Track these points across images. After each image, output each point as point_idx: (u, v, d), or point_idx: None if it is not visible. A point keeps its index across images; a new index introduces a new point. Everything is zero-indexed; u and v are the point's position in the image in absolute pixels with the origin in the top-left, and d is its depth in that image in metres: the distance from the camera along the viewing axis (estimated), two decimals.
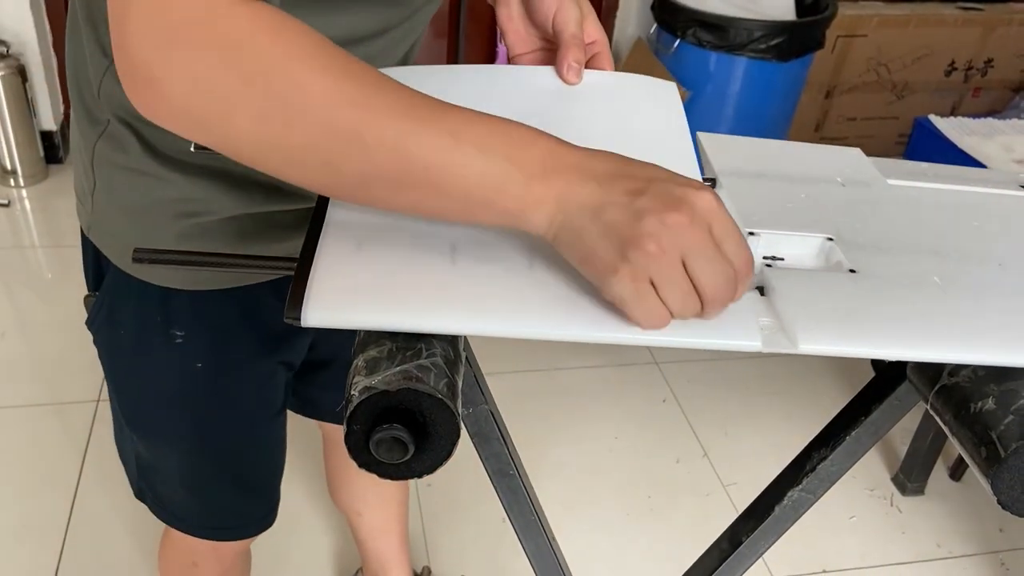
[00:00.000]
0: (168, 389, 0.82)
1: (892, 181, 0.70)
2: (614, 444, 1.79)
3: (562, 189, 0.47)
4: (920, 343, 0.52)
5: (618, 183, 0.47)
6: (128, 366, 0.83)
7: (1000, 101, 2.76)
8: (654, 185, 0.47)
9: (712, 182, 0.68)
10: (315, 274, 0.51)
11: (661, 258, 0.46)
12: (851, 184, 0.69)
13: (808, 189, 0.67)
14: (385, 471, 0.49)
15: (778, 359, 2.06)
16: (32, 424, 1.70)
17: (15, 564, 1.44)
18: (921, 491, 1.73)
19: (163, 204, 0.71)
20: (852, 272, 0.57)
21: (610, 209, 0.47)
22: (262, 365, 0.85)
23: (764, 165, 0.70)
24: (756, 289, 0.55)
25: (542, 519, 0.70)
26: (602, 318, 0.50)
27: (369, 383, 0.47)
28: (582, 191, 0.47)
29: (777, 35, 2.10)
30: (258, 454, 0.94)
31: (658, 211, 0.45)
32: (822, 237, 0.61)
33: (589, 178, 0.48)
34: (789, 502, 0.66)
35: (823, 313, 0.53)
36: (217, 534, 0.98)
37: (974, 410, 0.52)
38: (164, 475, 0.92)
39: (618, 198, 0.47)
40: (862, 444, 0.63)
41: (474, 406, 0.61)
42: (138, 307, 0.77)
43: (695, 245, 0.46)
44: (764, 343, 0.50)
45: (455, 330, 0.50)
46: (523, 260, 0.54)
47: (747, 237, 0.60)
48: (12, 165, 2.39)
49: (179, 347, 0.78)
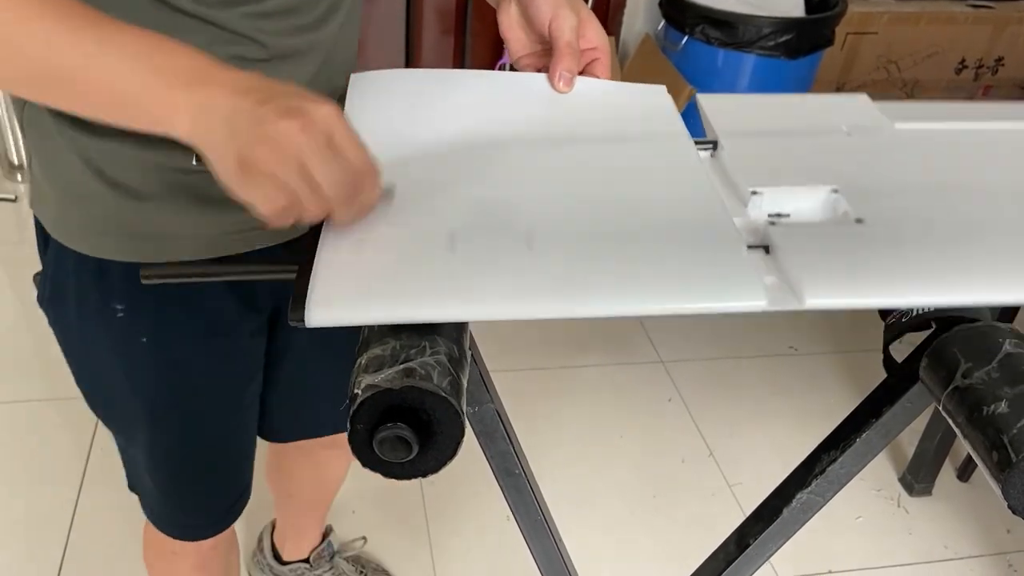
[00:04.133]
0: (117, 366, 0.80)
1: (900, 125, 0.68)
2: (619, 443, 1.79)
3: (203, 98, 0.51)
4: (926, 289, 0.51)
5: (251, 95, 0.51)
6: (78, 344, 0.81)
7: (1010, 99, 2.74)
8: (279, 98, 0.51)
9: (714, 144, 0.66)
10: (316, 274, 0.50)
11: (278, 155, 0.50)
12: (857, 132, 0.67)
13: (812, 141, 0.66)
14: (389, 470, 0.49)
15: (784, 359, 2.05)
16: (37, 419, 1.70)
17: (20, 558, 1.44)
18: (928, 492, 1.72)
19: (77, 165, 0.70)
20: (859, 222, 0.56)
21: (238, 117, 0.51)
22: (214, 344, 0.82)
23: (766, 122, 0.68)
24: (762, 248, 0.55)
25: (548, 519, 0.69)
26: (604, 295, 0.49)
27: (372, 381, 0.46)
28: (220, 101, 0.51)
29: (786, 32, 2.09)
30: (220, 439, 0.91)
31: (277, 118, 0.50)
32: (827, 189, 0.60)
33: (229, 91, 0.52)
34: (797, 504, 0.66)
35: (829, 267, 0.52)
36: (184, 532, 0.97)
37: (987, 413, 0.51)
38: (135, 464, 0.91)
39: (247, 106, 0.51)
40: (873, 446, 0.63)
41: (480, 404, 0.61)
42: (77, 281, 0.76)
43: (310, 149, 0.50)
44: (769, 301, 0.49)
45: (460, 317, 0.49)
46: (522, 243, 0.53)
47: (749, 197, 0.60)
48: (19, 160, 2.39)
49: (120, 321, 0.77)
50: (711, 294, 0.49)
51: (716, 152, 0.66)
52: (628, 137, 0.66)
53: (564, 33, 0.68)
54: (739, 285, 0.50)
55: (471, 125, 0.66)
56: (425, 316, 0.48)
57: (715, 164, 0.65)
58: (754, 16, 2.09)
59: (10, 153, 2.38)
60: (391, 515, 1.58)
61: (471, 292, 0.49)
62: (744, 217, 0.59)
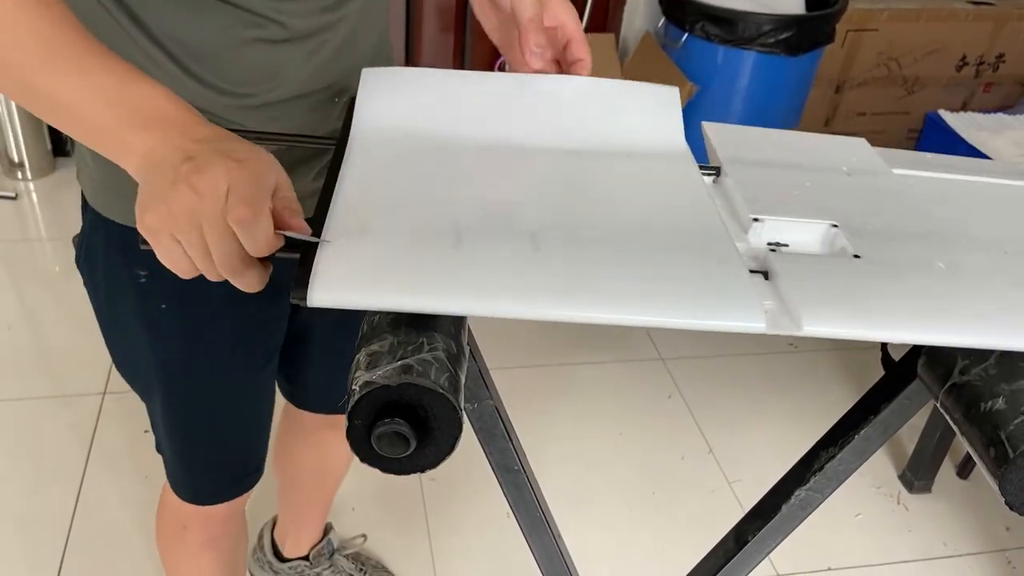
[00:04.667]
0: (139, 329, 0.83)
1: (897, 170, 0.69)
2: (619, 440, 1.79)
3: (151, 144, 0.52)
4: (925, 326, 0.51)
5: (184, 149, 0.51)
6: (105, 305, 0.84)
7: (1011, 97, 2.73)
8: (201, 156, 0.51)
9: (717, 171, 0.67)
10: (320, 255, 0.51)
11: (172, 223, 0.50)
12: (856, 173, 0.68)
13: (813, 177, 0.67)
14: (387, 465, 0.49)
15: (784, 357, 2.05)
16: (38, 416, 1.70)
17: (21, 555, 1.45)
18: (928, 489, 1.72)
19: None
20: (856, 257, 0.57)
21: (162, 168, 0.51)
22: (238, 308, 0.83)
23: (769, 154, 0.70)
24: (760, 273, 0.55)
25: (547, 515, 0.70)
26: (609, 302, 0.50)
27: (370, 378, 0.46)
28: (159, 149, 0.52)
29: (786, 29, 2.08)
30: (235, 410, 0.93)
31: (183, 180, 0.50)
32: (827, 224, 0.61)
33: (173, 140, 0.52)
34: (796, 501, 0.66)
35: (827, 296, 0.53)
36: (196, 495, 0.98)
37: (984, 409, 0.51)
38: (157, 426, 0.93)
39: (173, 160, 0.51)
40: (871, 443, 0.63)
41: (479, 401, 0.61)
42: (106, 245, 0.79)
43: (205, 217, 0.49)
44: (768, 325, 0.50)
45: (464, 311, 0.49)
46: (528, 241, 0.53)
47: (750, 223, 0.60)
48: (19, 158, 2.39)
49: (143, 286, 0.79)
50: (712, 313, 0.50)
51: (719, 178, 0.67)
52: (635, 153, 0.67)
53: (526, 9, 0.68)
54: (740, 307, 0.51)
55: (480, 127, 0.66)
56: (429, 307, 0.49)
57: (717, 189, 0.66)
58: (754, 13, 2.08)
59: (10, 151, 2.38)
60: (391, 513, 1.58)
61: (477, 287, 0.50)
62: (744, 242, 0.60)
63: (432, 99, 0.68)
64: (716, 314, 0.50)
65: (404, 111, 0.67)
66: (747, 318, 0.50)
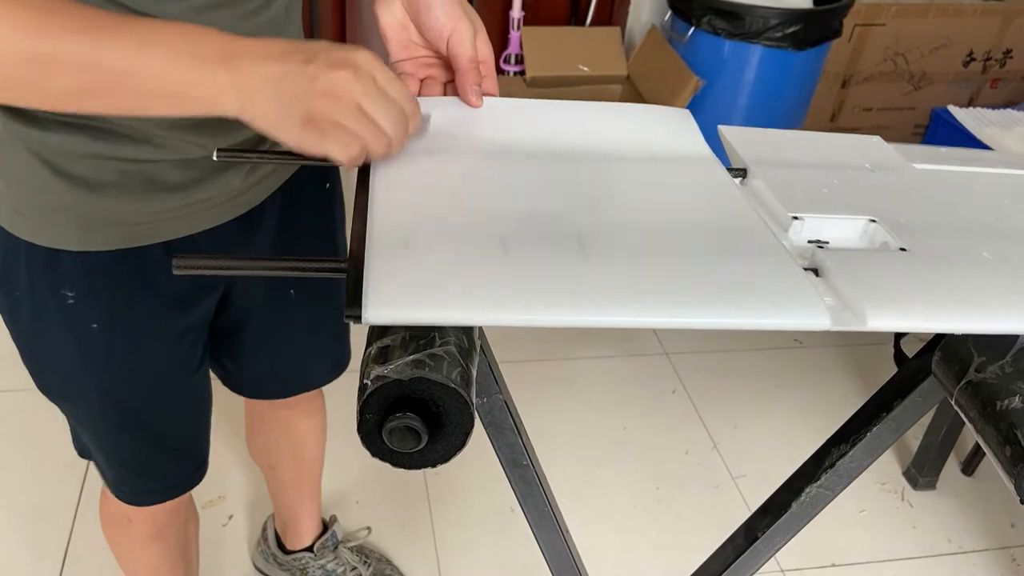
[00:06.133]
0: (68, 352, 0.82)
1: (918, 165, 0.69)
2: (623, 435, 1.79)
3: (244, 72, 0.54)
4: (988, 316, 0.51)
5: (290, 57, 0.54)
6: (28, 329, 0.83)
7: (1018, 92, 2.72)
8: (320, 53, 0.54)
9: (743, 172, 0.67)
10: (369, 272, 0.48)
11: (340, 105, 0.54)
12: (880, 169, 0.68)
13: (839, 175, 0.66)
14: (398, 460, 0.49)
15: (789, 352, 2.04)
16: (41, 407, 1.70)
17: (26, 546, 1.45)
18: (933, 486, 1.72)
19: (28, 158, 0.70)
20: (903, 251, 0.57)
21: (288, 80, 0.54)
22: (166, 325, 0.84)
23: (791, 154, 0.69)
24: (811, 271, 0.55)
25: (555, 510, 0.69)
26: (669, 306, 0.49)
27: (382, 372, 0.46)
28: (261, 70, 0.54)
29: (793, 23, 2.07)
30: (175, 414, 0.93)
31: (327, 71, 0.53)
32: (865, 219, 0.60)
33: (266, 58, 0.54)
34: (806, 498, 0.65)
35: (886, 290, 0.52)
36: (138, 499, 0.98)
37: (1000, 407, 0.51)
38: (80, 435, 0.93)
39: (293, 68, 0.54)
40: (883, 440, 0.62)
41: (488, 396, 0.60)
42: (27, 268, 0.77)
43: (364, 93, 0.54)
44: (832, 321, 0.49)
45: (523, 322, 0.48)
46: (575, 250, 0.53)
47: (790, 222, 0.60)
48: None
49: (71, 307, 0.78)
50: (776, 311, 0.49)
51: (746, 179, 0.67)
52: (660, 157, 0.66)
53: (466, 49, 0.67)
54: (802, 305, 0.50)
55: (507, 143, 0.66)
56: (488, 320, 0.47)
57: (745, 191, 0.66)
58: (761, 7, 2.07)
59: None
60: (395, 505, 1.58)
61: (531, 297, 0.48)
62: (787, 241, 0.60)
63: (457, 121, 0.68)
64: (780, 312, 0.49)
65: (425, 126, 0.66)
66: (812, 315, 0.49)
